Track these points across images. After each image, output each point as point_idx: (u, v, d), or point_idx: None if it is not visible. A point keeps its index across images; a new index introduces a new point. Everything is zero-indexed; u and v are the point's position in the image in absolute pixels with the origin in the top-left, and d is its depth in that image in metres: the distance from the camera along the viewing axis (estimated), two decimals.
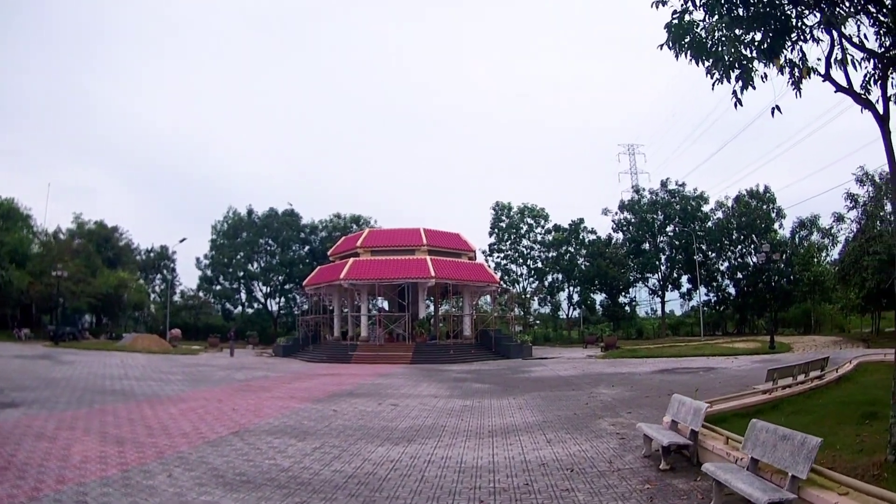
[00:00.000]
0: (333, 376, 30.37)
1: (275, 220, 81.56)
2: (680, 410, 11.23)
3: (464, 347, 47.34)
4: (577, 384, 24.54)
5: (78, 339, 57.42)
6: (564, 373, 30.42)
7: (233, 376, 29.53)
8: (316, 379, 28.92)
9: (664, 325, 78.46)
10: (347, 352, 45.26)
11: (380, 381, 27.72)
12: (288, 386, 25.30)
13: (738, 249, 73.16)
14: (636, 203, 78.03)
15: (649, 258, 75.86)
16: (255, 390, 23.31)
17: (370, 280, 47.53)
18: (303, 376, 30.50)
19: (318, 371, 34.37)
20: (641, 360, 37.16)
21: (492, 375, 30.65)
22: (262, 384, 26.02)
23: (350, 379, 28.66)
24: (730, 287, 75.40)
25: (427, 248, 50.79)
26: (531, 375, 29.83)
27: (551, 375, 29.31)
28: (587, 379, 26.60)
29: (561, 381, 26.45)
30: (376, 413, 17.05)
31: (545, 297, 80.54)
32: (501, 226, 79.12)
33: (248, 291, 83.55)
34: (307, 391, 23.12)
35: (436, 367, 37.75)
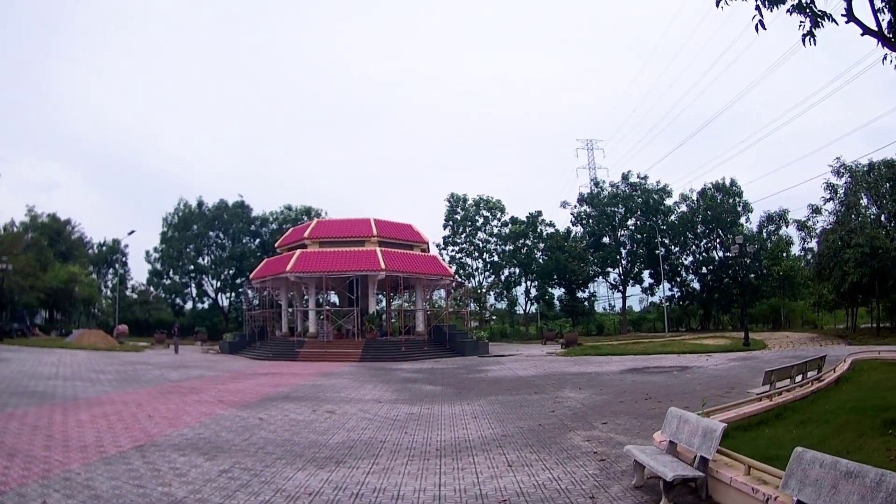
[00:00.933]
0: (274, 376, 28.71)
1: (225, 212, 79.32)
2: (681, 429, 9.17)
3: (416, 344, 45.67)
4: (540, 386, 23.01)
5: (26, 335, 55.89)
6: (524, 372, 28.96)
7: (167, 376, 27.73)
8: (254, 379, 27.18)
9: (625, 321, 77.41)
10: (294, 349, 43.37)
11: (322, 381, 26.08)
12: (220, 387, 23.52)
13: (703, 244, 72.51)
14: (596, 196, 77.13)
15: (609, 252, 74.83)
16: (183, 392, 21.54)
17: (317, 273, 45.57)
18: (241, 376, 28.71)
19: (259, 370, 32.55)
20: (606, 359, 35.79)
21: (445, 375, 29.12)
22: (194, 385, 24.22)
23: (291, 379, 27.00)
24: (694, 282, 74.73)
25: (377, 239, 49.09)
26: (488, 375, 28.30)
27: (510, 375, 27.81)
28: (550, 380, 25.07)
29: (521, 382, 24.94)
30: (308, 423, 15.39)
31: (501, 291, 79.09)
32: (456, 218, 77.61)
33: (198, 286, 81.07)
34: (239, 394, 21.38)
35: (385, 365, 36.21)
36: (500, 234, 77.40)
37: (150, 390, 22.08)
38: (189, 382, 25.28)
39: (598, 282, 79.70)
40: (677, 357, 34.47)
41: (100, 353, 41.90)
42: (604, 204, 75.63)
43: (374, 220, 51.20)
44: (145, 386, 23.48)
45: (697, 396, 16.04)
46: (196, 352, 50.17)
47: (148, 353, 45.46)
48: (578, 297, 77.38)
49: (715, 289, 70.14)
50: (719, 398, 16.47)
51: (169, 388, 23.05)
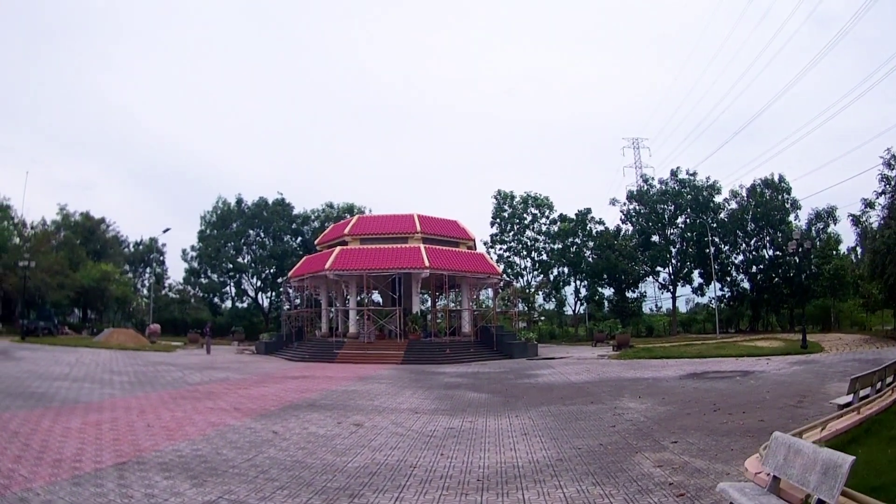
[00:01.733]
0: (305, 379, 26.19)
1: (265, 210, 77.15)
2: (791, 462, 6.64)
3: (462, 346, 42.92)
4: (595, 394, 20.06)
5: (54, 333, 53.90)
6: (577, 377, 25.97)
7: (188, 378, 25.55)
8: (282, 383, 24.59)
9: (675, 322, 73.50)
10: (332, 350, 40.91)
11: (356, 386, 23.38)
12: (242, 392, 21.02)
13: (753, 242, 68.39)
14: (645, 193, 73.22)
15: (660, 251, 70.75)
16: (198, 397, 19.19)
17: (357, 271, 43.05)
18: (269, 379, 26.23)
19: (291, 372, 30.07)
20: (662, 362, 32.37)
21: (491, 380, 26.23)
22: (214, 389, 21.79)
23: (322, 383, 24.35)
24: (744, 282, 70.40)
25: (421, 235, 46.38)
26: (538, 381, 25.38)
27: (562, 381, 24.83)
28: (606, 387, 22.03)
29: (574, 389, 21.97)
30: (328, 439, 12.72)
31: (550, 291, 75.81)
32: (504, 215, 74.32)
33: (236, 285, 79.15)
34: (260, 400, 18.84)
35: (428, 368, 33.41)
36: (548, 232, 74.05)
37: (163, 394, 19.93)
38: (209, 386, 22.96)
39: (647, 282, 75.90)
40: (735, 361, 30.96)
41: (125, 353, 39.96)
42: (653, 201, 71.82)
43: (418, 215, 48.55)
44: (160, 389, 21.37)
45: (769, 406, 14.63)
46: (230, 352, 48.11)
47: (178, 354, 43.47)
48: (628, 298, 73.87)
49: (765, 289, 66.43)
50: (792, 408, 14.82)
51: (185, 392, 20.85)
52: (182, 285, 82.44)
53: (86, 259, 68.66)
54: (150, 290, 76.65)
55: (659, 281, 73.99)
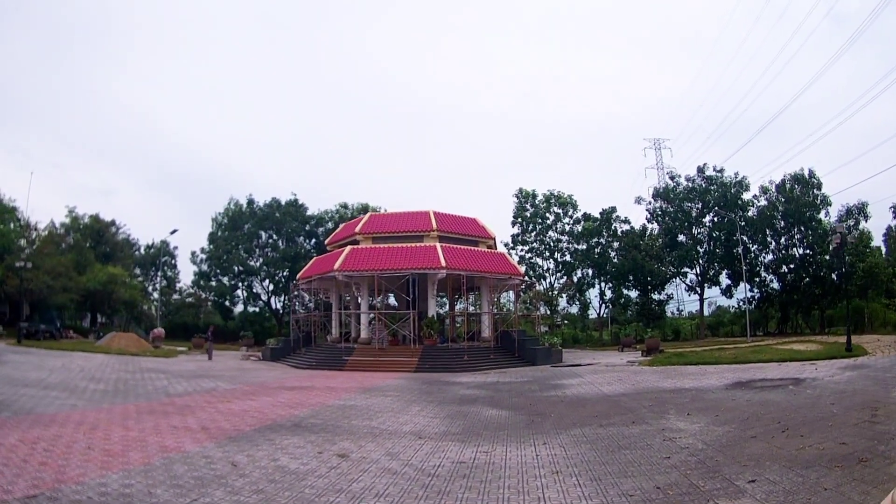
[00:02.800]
0: (302, 391, 23.26)
1: (277, 211, 74.59)
2: None
3: (481, 352, 39.78)
4: (635, 410, 16.87)
5: (56, 337, 51.71)
6: (610, 389, 22.75)
7: (171, 388, 22.94)
8: (275, 395, 21.61)
9: (703, 325, 69.41)
10: (342, 357, 38.11)
11: (357, 399, 20.35)
12: (222, 407, 18.08)
13: (783, 240, 64.61)
14: (671, 191, 69.59)
15: (687, 251, 67.11)
16: (167, 412, 16.47)
17: (368, 271, 39.93)
18: (262, 390, 23.31)
19: (290, 381, 27.18)
20: (699, 369, 28.90)
21: (513, 392, 23.16)
22: (192, 402, 19.02)
23: (319, 396, 21.39)
24: (774, 282, 66.59)
25: (437, 234, 43.25)
26: (566, 393, 22.20)
27: (593, 393, 21.67)
28: (645, 400, 18.82)
29: (610, 404, 18.76)
30: (297, 477, 9.70)
31: (574, 294, 72.38)
32: (526, 215, 71.05)
33: (247, 288, 76.52)
34: (238, 418, 15.93)
35: (443, 377, 30.40)
36: (571, 232, 70.74)
37: (130, 407, 17.30)
38: (189, 398, 20.17)
39: (674, 283, 72.25)
40: (778, 366, 27.43)
41: (120, 358, 37.41)
42: (680, 199, 68.15)
43: (434, 212, 45.44)
44: (131, 401, 18.76)
45: (841, 423, 12.18)
46: (235, 358, 45.44)
47: (178, 360, 40.91)
48: (655, 300, 70.29)
49: (794, 289, 62.69)
50: (869, 424, 12.10)
51: (157, 404, 18.16)
52: (192, 289, 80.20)
53: (94, 262, 66.73)
54: (158, 293, 74.67)
55: (686, 282, 70.49)
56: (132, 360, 37.29)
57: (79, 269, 62.42)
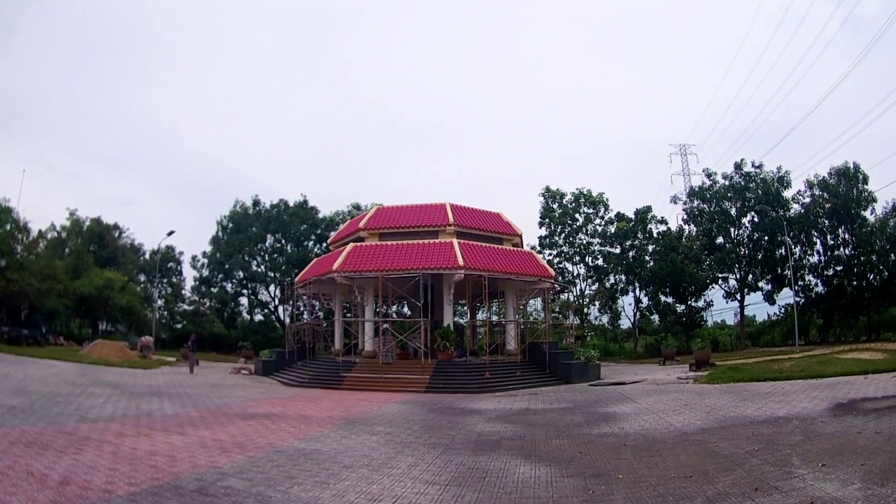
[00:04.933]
0: (263, 422, 17.28)
1: (284, 213, 69.08)
2: None
3: (506, 367, 33.60)
4: (740, 460, 10.92)
5: (41, 343, 47.89)
6: (681, 419, 16.51)
7: (97, 409, 17.98)
8: (220, 427, 15.74)
9: (744, 334, 63.23)
10: (340, 373, 32.10)
11: (328, 441, 14.27)
12: (127, 444, 12.62)
13: (828, 240, 58.39)
14: (707, 189, 63.31)
15: (727, 253, 60.89)
16: (44, 448, 11.37)
17: (373, 272, 33.77)
18: (210, 418, 17.45)
19: (259, 406, 21.16)
20: (773, 387, 22.52)
21: (550, 429, 16.73)
22: (99, 432, 14.04)
23: (278, 433, 15.34)
24: (818, 286, 60.15)
25: (455, 228, 37.17)
26: (625, 428, 15.94)
27: (663, 429, 15.41)
28: (742, 440, 12.74)
29: (695, 447, 12.61)
30: None
31: (606, 301, 65.82)
32: (554, 215, 64.63)
33: (253, 295, 70.95)
34: (127, 466, 10.45)
35: (459, 401, 24.28)
36: (604, 234, 64.28)
37: None
38: (103, 425, 15.27)
39: (712, 290, 64.92)
40: (865, 380, 21.70)
41: (87, 368, 32.94)
42: (717, 197, 62.08)
43: (451, 205, 39.38)
44: (29, 424, 14.88)
45: None
46: (224, 371, 39.79)
47: (154, 372, 35.44)
48: (695, 307, 63.15)
49: (840, 293, 56.45)
50: None
51: (53, 433, 13.86)
52: (195, 296, 75.01)
53: (92, 266, 62.42)
54: (155, 300, 70.05)
55: (725, 288, 63.40)
56: (99, 370, 32.53)
57: (76, 273, 58.85)
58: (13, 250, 51.89)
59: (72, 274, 58.13)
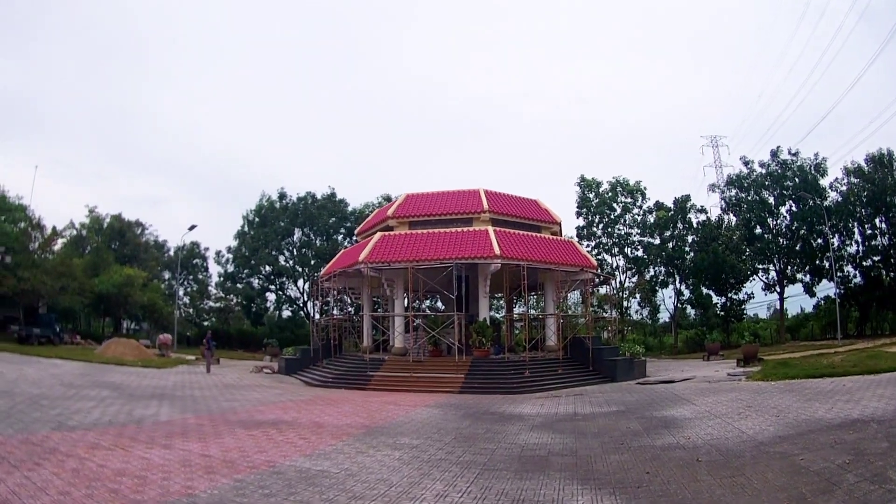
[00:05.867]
0: (270, 430, 14.76)
1: (312, 206, 66.93)
2: None
3: (546, 365, 30.75)
4: (837, 479, 8.77)
5: (54, 342, 46.55)
6: (750, 425, 13.83)
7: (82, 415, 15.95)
8: (215, 439, 13.31)
9: (783, 327, 60.14)
10: (366, 372, 29.66)
11: (340, 458, 11.74)
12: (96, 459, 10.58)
13: (867, 230, 56.19)
14: (746, 178, 60.55)
15: (768, 244, 58.21)
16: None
17: (402, 263, 31.13)
18: (209, 426, 15.04)
19: (270, 411, 18.58)
20: (833, 384, 19.67)
21: (605, 438, 14.02)
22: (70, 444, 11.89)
23: (283, 446, 12.81)
24: (856, 277, 57.87)
25: (490, 216, 34.42)
26: (690, 437, 13.22)
27: (733, 437, 12.80)
28: (830, 451, 10.40)
29: (779, 462, 10.17)
30: None
31: (646, 294, 63.06)
32: (590, 206, 61.99)
33: (280, 290, 68.87)
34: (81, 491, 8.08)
35: (497, 403, 21.71)
36: (644, 223, 61.65)
37: None
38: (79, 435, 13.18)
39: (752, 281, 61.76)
40: None
41: (93, 367, 31.20)
42: (756, 185, 59.54)
43: (485, 191, 36.66)
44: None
45: None
46: (244, 370, 37.62)
47: (168, 372, 33.37)
48: (735, 300, 60.39)
49: (877, 285, 54.29)
50: None
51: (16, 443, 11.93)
52: (217, 291, 73.47)
53: (112, 263, 61.02)
54: (179, 297, 68.71)
55: (764, 280, 60.93)
56: (106, 370, 30.55)
57: (95, 270, 57.73)
58: (27, 248, 50.54)
59: (91, 272, 57.13)
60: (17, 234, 49.35)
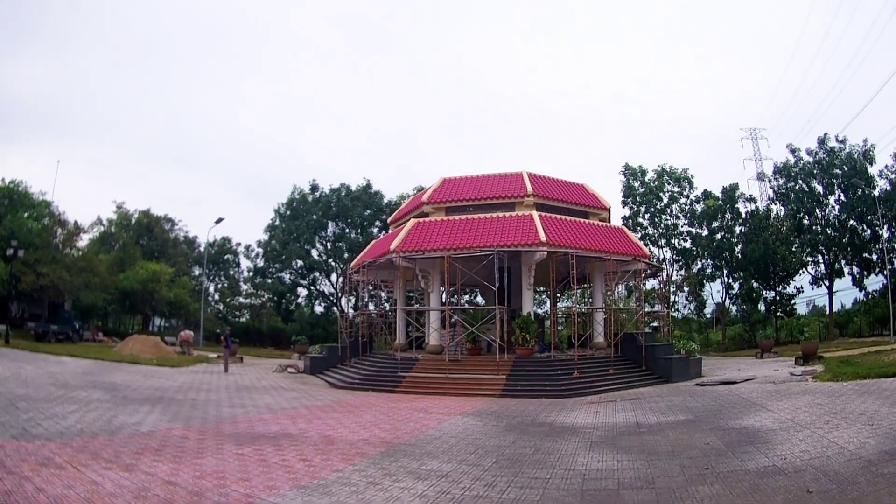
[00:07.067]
0: (267, 446, 11.96)
1: (345, 198, 64.45)
2: None
3: (596, 364, 27.67)
4: None
5: (73, 339, 45.38)
6: (845, 439, 10.95)
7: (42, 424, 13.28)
8: (191, 460, 10.31)
9: (832, 323, 56.59)
10: (397, 372, 26.81)
11: (347, 491, 8.81)
12: (22, 487, 7.69)
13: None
14: (792, 167, 57.43)
15: (816, 235, 55.13)
16: None
17: (437, 251, 28.21)
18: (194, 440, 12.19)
19: (278, 420, 15.76)
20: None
21: (682, 460, 10.78)
22: (3, 459, 8.98)
23: (277, 470, 9.92)
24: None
25: (534, 200, 31.26)
26: (784, 457, 10.20)
27: (834, 456, 9.89)
28: None
29: None
30: None
31: (694, 288, 59.69)
32: (636, 194, 58.76)
33: (312, 285, 66.67)
34: None
35: (544, 410, 18.72)
36: (692, 212, 58.08)
37: None
38: (18, 448, 10.77)
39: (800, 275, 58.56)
40: None
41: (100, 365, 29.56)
42: (804, 174, 56.56)
43: (529, 174, 33.38)
44: None
45: None
46: (267, 369, 35.44)
47: (184, 370, 31.57)
48: (786, 294, 57.53)
49: None
50: None
51: None
52: (246, 286, 71.65)
53: (138, 259, 59.70)
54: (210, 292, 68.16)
55: (812, 273, 57.76)
56: (114, 368, 29.02)
57: (121, 266, 56.62)
58: (48, 244, 49.17)
59: (117, 268, 56.02)
60: (38, 230, 48.09)
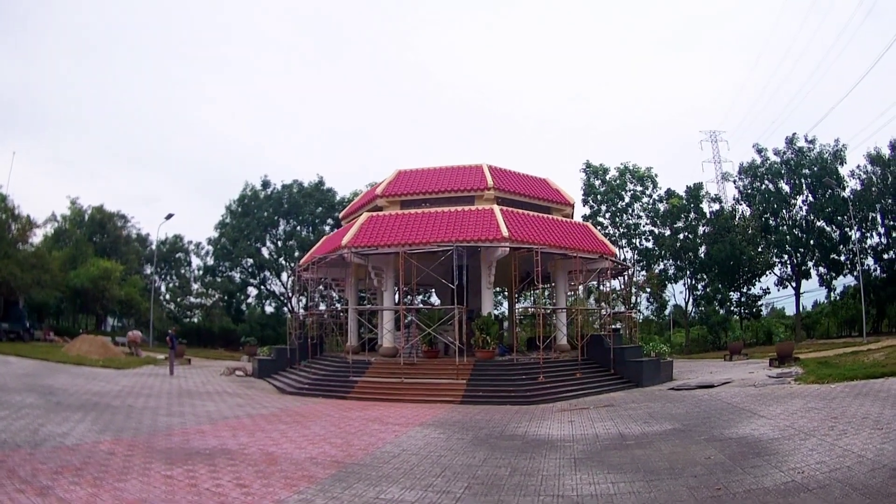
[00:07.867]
0: (200, 466, 9.82)
1: (297, 195, 62.80)
2: None
3: (562, 367, 26.13)
4: None
5: (24, 339, 44.63)
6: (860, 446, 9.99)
7: None
8: (112, 482, 8.36)
9: (800, 324, 57.28)
10: (350, 376, 24.92)
11: None
12: None
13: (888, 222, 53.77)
14: (759, 167, 58.06)
15: (783, 235, 55.65)
16: None
17: (391, 247, 26.50)
18: (124, 458, 9.85)
19: (216, 432, 13.78)
20: None
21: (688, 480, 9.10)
22: None
23: (216, 493, 8.13)
24: (877, 271, 55.25)
25: (495, 194, 29.72)
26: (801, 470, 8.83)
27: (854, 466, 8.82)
28: None
29: None
30: None
31: (656, 289, 58.94)
32: (597, 192, 58.48)
33: (262, 285, 64.92)
34: None
35: (510, 417, 17.31)
36: (655, 211, 58.09)
37: None
38: None
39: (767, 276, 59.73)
40: None
41: (43, 366, 28.40)
42: (771, 174, 57.27)
43: (489, 166, 31.90)
44: None
45: None
46: (214, 372, 33.47)
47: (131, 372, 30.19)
48: (752, 295, 58.49)
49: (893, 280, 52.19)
50: None
51: None
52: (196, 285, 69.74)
53: (91, 256, 58.18)
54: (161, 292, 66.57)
55: (778, 274, 58.60)
56: (57, 370, 27.50)
57: (73, 263, 55.40)
58: (2, 238, 47.17)
59: (69, 265, 54.55)
60: None
